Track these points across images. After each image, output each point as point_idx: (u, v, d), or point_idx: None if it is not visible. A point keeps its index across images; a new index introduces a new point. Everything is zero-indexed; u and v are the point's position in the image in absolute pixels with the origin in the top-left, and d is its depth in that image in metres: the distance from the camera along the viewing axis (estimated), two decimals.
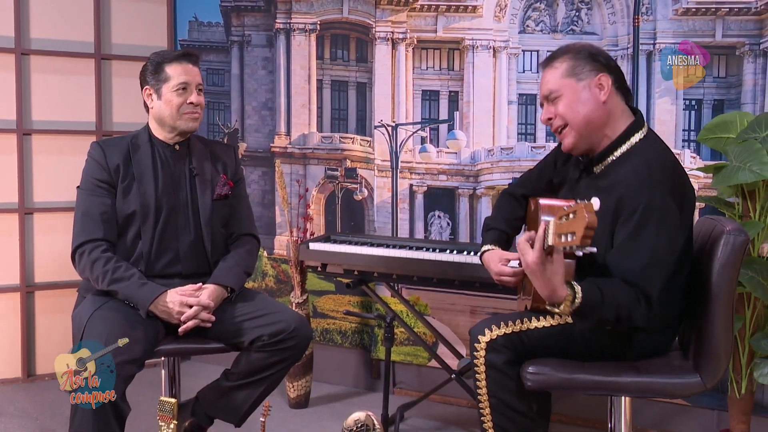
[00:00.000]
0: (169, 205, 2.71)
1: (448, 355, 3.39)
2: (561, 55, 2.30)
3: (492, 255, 2.47)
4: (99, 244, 2.62)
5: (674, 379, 2.20)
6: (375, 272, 3.21)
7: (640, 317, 2.10)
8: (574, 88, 2.26)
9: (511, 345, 2.22)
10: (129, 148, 2.72)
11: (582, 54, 2.27)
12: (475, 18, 3.52)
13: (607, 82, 2.25)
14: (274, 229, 4.05)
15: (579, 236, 1.79)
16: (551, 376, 2.19)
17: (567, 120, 2.27)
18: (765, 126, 2.79)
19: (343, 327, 3.91)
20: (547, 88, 2.30)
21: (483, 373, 2.23)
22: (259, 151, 4.08)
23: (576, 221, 1.81)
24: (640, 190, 2.11)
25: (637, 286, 2.09)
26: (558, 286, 2.03)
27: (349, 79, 3.86)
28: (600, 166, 2.30)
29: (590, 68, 2.25)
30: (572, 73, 2.26)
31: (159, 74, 2.70)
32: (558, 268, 2.02)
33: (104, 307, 2.54)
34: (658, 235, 2.10)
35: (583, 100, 2.25)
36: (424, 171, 3.67)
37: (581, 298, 2.04)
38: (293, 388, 3.60)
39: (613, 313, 2.08)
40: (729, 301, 2.17)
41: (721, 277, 2.15)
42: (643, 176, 2.13)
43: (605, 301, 2.07)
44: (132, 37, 4.13)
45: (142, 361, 2.46)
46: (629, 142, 2.26)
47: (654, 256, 2.10)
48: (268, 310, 2.63)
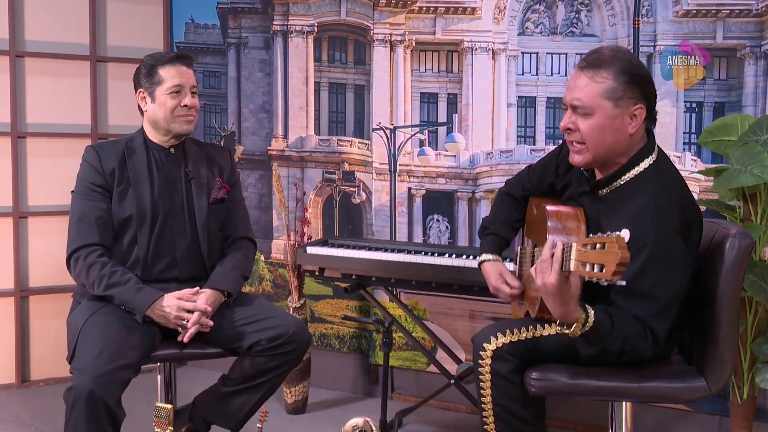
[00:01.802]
0: (165, 209, 2.70)
1: (447, 360, 3.38)
2: (607, 66, 2.12)
3: (492, 269, 2.47)
4: (94, 249, 2.61)
5: (679, 383, 2.19)
6: (373, 276, 3.21)
7: (645, 350, 2.09)
8: (607, 113, 2.12)
9: (517, 353, 2.21)
10: (124, 152, 2.71)
11: (626, 77, 2.11)
12: (474, 20, 3.51)
13: (641, 115, 2.14)
14: (271, 233, 4.04)
15: (610, 272, 1.76)
16: (555, 381, 2.17)
17: (587, 142, 2.16)
18: (766, 129, 2.78)
19: (341, 332, 3.89)
20: (579, 100, 2.13)
21: (488, 381, 2.21)
22: (256, 154, 4.07)
23: (607, 255, 1.77)
24: (648, 230, 2.05)
25: (646, 324, 2.07)
26: (573, 309, 2.01)
27: (347, 82, 3.85)
28: (606, 189, 2.23)
29: (630, 96, 2.11)
30: (612, 97, 2.11)
31: (152, 77, 2.69)
32: (576, 291, 1.99)
33: (100, 313, 2.54)
34: (667, 279, 2.06)
35: (613, 128, 2.12)
36: (422, 174, 3.66)
37: (593, 323, 2.02)
38: (290, 393, 3.58)
39: (618, 346, 2.07)
40: (734, 304, 2.16)
41: (726, 281, 2.14)
42: (651, 215, 2.07)
43: (614, 331, 2.04)
44: (127, 39, 4.11)
45: (138, 367, 2.46)
46: (638, 167, 2.18)
47: (664, 303, 2.07)
48: (266, 315, 2.62)
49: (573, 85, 2.17)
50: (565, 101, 2.19)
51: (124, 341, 2.43)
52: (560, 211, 2.21)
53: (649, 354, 2.11)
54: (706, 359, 2.20)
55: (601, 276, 1.79)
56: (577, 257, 1.86)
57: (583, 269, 1.84)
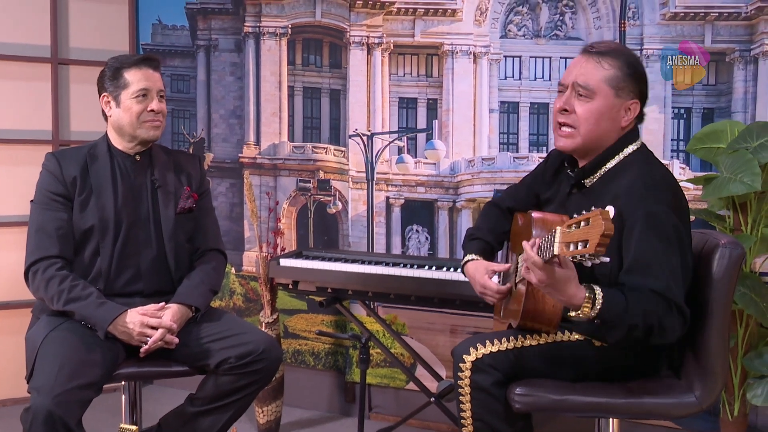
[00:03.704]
0: (129, 219, 2.68)
1: (427, 377, 3.37)
2: (615, 55, 2.22)
3: (477, 265, 2.45)
4: (54, 262, 2.59)
5: (669, 399, 2.19)
6: (349, 290, 3.19)
7: (675, 326, 2.05)
8: (608, 101, 2.20)
9: (498, 365, 2.19)
10: (86, 159, 2.69)
11: (631, 70, 2.21)
12: (454, 22, 3.51)
13: (635, 111, 2.24)
14: (242, 245, 4.02)
15: (593, 244, 1.75)
16: (541, 397, 2.16)
17: (580, 125, 2.22)
18: (756, 135, 2.80)
19: (316, 348, 3.87)
20: (584, 79, 2.20)
21: (468, 395, 2.20)
22: (226, 161, 4.04)
23: (591, 229, 1.77)
24: (638, 205, 2.09)
25: (664, 296, 2.04)
26: (575, 290, 1.98)
27: (322, 86, 3.84)
28: (591, 179, 2.28)
29: (630, 89, 2.22)
30: (615, 86, 2.20)
31: (117, 80, 2.67)
32: (570, 272, 1.97)
33: (59, 329, 2.52)
34: (669, 251, 2.07)
35: (609, 117, 2.21)
36: (401, 183, 3.65)
37: (602, 299, 1.98)
38: (263, 413, 3.55)
39: (641, 320, 2.01)
40: (725, 317, 2.17)
41: (716, 293, 2.16)
42: (641, 189, 2.12)
43: (630, 306, 2.01)
44: (91, 40, 4.08)
45: (99, 386, 2.43)
46: (622, 153, 2.25)
47: (672, 271, 2.07)
48: (235, 331, 2.61)
49: (578, 66, 2.24)
50: (565, 81, 2.26)
51: (85, 359, 2.41)
52: (546, 218, 2.22)
53: (680, 330, 2.07)
54: (695, 374, 2.20)
55: (585, 251, 1.78)
56: (561, 239, 1.86)
57: (567, 249, 1.83)
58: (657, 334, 2.05)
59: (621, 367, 2.25)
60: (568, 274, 1.97)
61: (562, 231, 1.87)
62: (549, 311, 2.18)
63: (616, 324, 2.03)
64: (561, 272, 1.95)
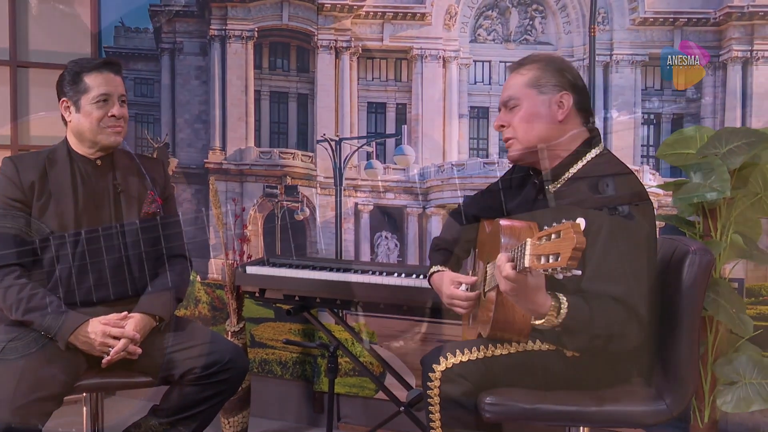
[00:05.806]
0: (90, 225, 2.66)
1: (397, 386, 3.36)
2: (530, 62, 2.34)
3: (442, 276, 2.47)
4: (11, 270, 2.57)
5: (639, 407, 2.21)
6: (317, 298, 3.19)
7: (634, 336, 2.10)
8: (533, 101, 2.29)
9: (468, 375, 2.20)
10: (45, 164, 2.67)
11: (550, 67, 2.31)
12: (423, 26, 3.53)
13: (568, 102, 2.28)
14: (208, 252, 3.99)
15: (565, 258, 1.77)
16: (511, 406, 2.17)
17: (517, 133, 2.30)
18: (725, 141, 2.84)
19: (283, 357, 3.86)
20: (507, 94, 2.34)
21: (437, 405, 2.21)
22: (191, 167, 4.02)
23: (562, 242, 1.79)
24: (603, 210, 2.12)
25: (626, 304, 2.08)
26: (542, 300, 2.01)
27: (289, 90, 3.83)
28: (555, 184, 2.31)
29: (554, 83, 2.29)
30: (536, 84, 2.29)
31: (77, 84, 2.66)
32: (539, 281, 1.99)
33: (18, 339, 2.49)
34: (632, 253, 2.11)
35: (540, 115, 2.28)
36: (370, 189, 3.65)
37: (567, 308, 2.02)
38: (229, 424, 3.53)
39: (603, 329, 2.06)
40: (695, 323, 2.20)
41: (686, 299, 2.18)
42: (604, 194, 2.15)
43: (594, 314, 2.05)
44: (52, 43, 4.05)
45: (60, 398, 2.42)
46: (585, 158, 2.29)
47: (635, 276, 2.10)
48: (200, 341, 2.60)
49: (506, 84, 2.37)
50: (500, 102, 2.38)
51: (44, 370, 2.39)
52: (514, 226, 2.23)
53: (639, 338, 2.12)
54: (666, 381, 2.23)
55: (557, 265, 1.80)
56: (531, 251, 1.87)
57: (538, 262, 1.85)
58: (617, 342, 2.11)
59: (591, 376, 2.26)
60: (539, 283, 1.99)
61: (532, 243, 1.88)
62: (519, 321, 2.20)
63: (579, 332, 2.07)
64: (532, 281, 1.98)
